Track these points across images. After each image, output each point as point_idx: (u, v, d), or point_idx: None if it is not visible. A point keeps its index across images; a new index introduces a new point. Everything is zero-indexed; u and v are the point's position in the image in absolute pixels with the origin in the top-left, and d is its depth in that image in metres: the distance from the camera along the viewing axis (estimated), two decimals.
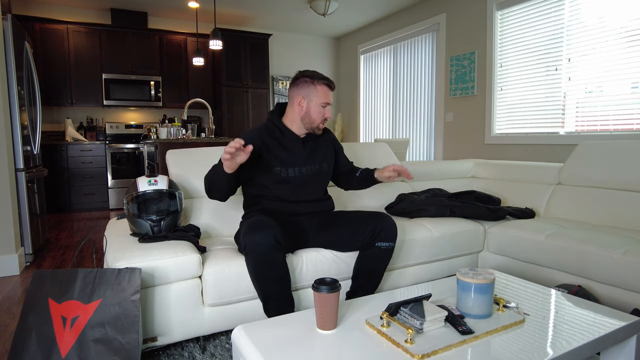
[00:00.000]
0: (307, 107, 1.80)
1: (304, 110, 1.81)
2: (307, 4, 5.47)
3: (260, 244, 1.52)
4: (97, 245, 3.48)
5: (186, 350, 1.68)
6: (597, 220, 2.30)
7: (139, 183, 1.77)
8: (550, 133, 3.86)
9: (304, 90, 1.81)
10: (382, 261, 1.80)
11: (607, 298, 1.84)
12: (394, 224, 1.77)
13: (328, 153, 1.98)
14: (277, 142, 1.84)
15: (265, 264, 1.55)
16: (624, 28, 3.26)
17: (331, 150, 2.01)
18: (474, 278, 1.17)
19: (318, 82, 1.80)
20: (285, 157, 1.83)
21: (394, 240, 1.77)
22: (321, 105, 1.80)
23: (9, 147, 2.75)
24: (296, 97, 1.82)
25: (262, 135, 1.83)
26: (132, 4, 5.48)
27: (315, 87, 1.80)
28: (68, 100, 5.32)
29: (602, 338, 1.11)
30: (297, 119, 1.84)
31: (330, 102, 1.83)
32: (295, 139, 1.86)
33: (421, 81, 5.48)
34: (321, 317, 1.12)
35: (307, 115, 1.81)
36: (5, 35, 2.81)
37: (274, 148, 1.82)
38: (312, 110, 1.80)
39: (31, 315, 1.37)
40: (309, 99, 1.80)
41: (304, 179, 1.87)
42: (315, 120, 1.82)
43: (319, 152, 1.93)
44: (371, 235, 1.74)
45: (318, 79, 1.80)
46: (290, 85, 1.87)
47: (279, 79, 6.88)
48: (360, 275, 1.82)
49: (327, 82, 1.82)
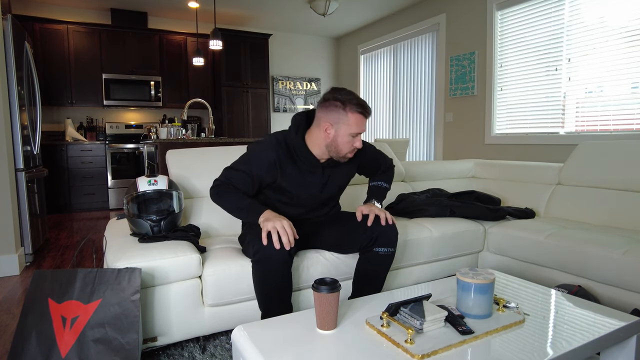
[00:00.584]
0: (335, 135, 1.59)
1: (330, 138, 1.60)
2: (307, 4, 5.48)
3: (273, 258, 1.47)
4: (97, 245, 3.48)
5: (186, 350, 1.68)
6: (597, 220, 2.30)
7: (139, 183, 1.77)
8: (550, 133, 3.86)
9: (332, 115, 1.57)
10: (381, 266, 1.75)
11: (607, 298, 1.84)
12: (394, 229, 1.70)
13: (349, 173, 1.83)
14: (293, 163, 1.66)
15: (274, 277, 1.52)
16: (624, 28, 3.26)
17: (354, 168, 1.85)
18: (474, 278, 1.17)
19: (350, 109, 1.55)
20: (300, 183, 1.68)
21: (394, 246, 1.71)
22: (351, 135, 1.58)
23: (9, 147, 2.75)
24: (323, 121, 1.60)
25: (279, 155, 1.64)
26: (132, 4, 5.48)
27: (347, 114, 1.56)
28: (68, 100, 5.32)
29: (602, 338, 1.11)
30: (321, 144, 1.63)
31: (363, 130, 1.61)
32: (315, 164, 1.67)
33: (421, 81, 5.48)
34: (321, 317, 1.12)
35: (334, 144, 1.60)
36: (5, 35, 2.81)
37: (289, 169, 1.66)
38: (340, 141, 1.59)
39: (31, 315, 1.37)
40: (337, 127, 1.57)
41: (316, 203, 1.79)
42: (342, 151, 1.62)
43: (338, 177, 1.78)
44: (369, 240, 1.69)
45: (351, 104, 1.55)
46: (318, 103, 1.63)
47: (279, 79, 6.88)
48: (360, 280, 1.79)
49: (362, 110, 1.57)
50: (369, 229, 1.69)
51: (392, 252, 1.73)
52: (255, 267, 1.55)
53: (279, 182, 1.67)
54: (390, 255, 1.73)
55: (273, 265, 1.49)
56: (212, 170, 2.19)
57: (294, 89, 7.02)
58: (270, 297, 1.57)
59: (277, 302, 1.58)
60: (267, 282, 1.54)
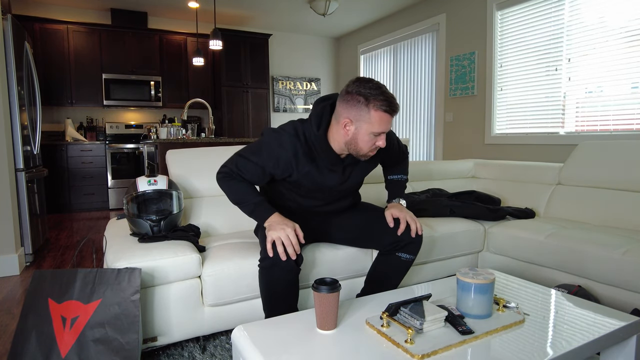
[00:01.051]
0: (355, 133, 1.44)
1: (350, 136, 1.45)
2: (307, 4, 5.48)
3: (278, 266, 1.44)
4: (97, 245, 3.48)
5: (186, 350, 1.68)
6: (597, 220, 2.30)
7: (139, 183, 1.77)
8: (550, 133, 3.86)
9: (353, 111, 1.41)
10: (399, 271, 1.73)
11: (607, 298, 1.84)
12: (421, 238, 1.67)
13: (369, 168, 1.69)
14: (312, 160, 1.53)
15: (280, 285, 1.50)
16: (624, 28, 3.26)
17: (376, 163, 1.71)
18: (474, 278, 1.17)
19: (374, 105, 1.38)
20: (318, 180, 1.57)
21: (416, 254, 1.70)
22: (373, 134, 1.43)
23: (9, 147, 2.75)
24: (342, 116, 1.44)
25: (297, 150, 1.50)
26: (132, 4, 5.48)
27: (370, 111, 1.39)
28: (68, 100, 5.32)
29: (602, 338, 1.11)
30: (340, 140, 1.49)
31: (388, 129, 1.46)
32: (335, 161, 1.55)
33: (421, 81, 5.48)
34: (321, 317, 1.12)
35: (353, 142, 1.46)
36: (5, 35, 2.81)
37: (307, 167, 1.53)
38: (360, 139, 1.44)
39: (31, 315, 1.37)
40: (358, 124, 1.42)
41: (334, 198, 1.70)
42: (362, 150, 1.47)
43: (358, 173, 1.65)
44: (395, 243, 1.66)
45: (376, 101, 1.38)
46: (340, 96, 1.46)
47: (279, 79, 6.88)
48: (374, 280, 1.77)
49: (387, 107, 1.39)
50: (395, 233, 1.66)
51: (412, 260, 1.72)
52: (261, 272, 1.53)
53: (294, 178, 1.55)
54: (411, 262, 1.72)
55: (278, 274, 1.47)
56: (212, 171, 2.19)
57: (294, 89, 7.02)
58: (275, 303, 1.55)
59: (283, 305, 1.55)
60: (272, 289, 1.52)
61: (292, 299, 1.56)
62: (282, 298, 1.54)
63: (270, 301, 1.55)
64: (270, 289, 1.53)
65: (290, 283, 1.52)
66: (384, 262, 1.74)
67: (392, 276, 1.75)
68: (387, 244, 1.69)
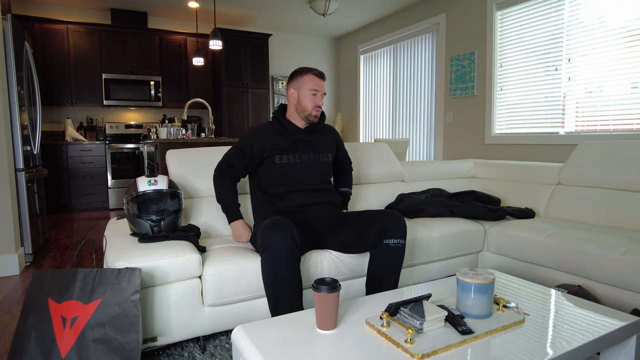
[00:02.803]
0: (298, 96, 1.90)
1: (296, 100, 1.91)
2: (307, 4, 5.48)
3: (277, 241, 1.52)
4: (97, 245, 3.48)
5: (186, 350, 1.68)
6: (597, 220, 2.30)
7: (139, 183, 1.77)
8: (550, 133, 3.86)
9: (294, 82, 1.93)
10: (393, 260, 1.74)
11: (607, 298, 1.84)
12: (401, 219, 1.75)
13: (330, 145, 2.06)
14: (278, 133, 1.93)
15: (281, 262, 1.53)
16: (624, 28, 3.26)
17: (333, 144, 2.09)
18: (474, 278, 1.17)
19: (305, 72, 1.92)
20: (285, 145, 1.91)
21: (404, 237, 1.74)
22: (311, 92, 1.89)
23: (9, 147, 2.75)
24: (289, 90, 1.95)
25: (263, 133, 1.93)
26: (132, 4, 5.48)
27: (303, 77, 1.91)
28: (68, 100, 5.32)
29: (602, 338, 1.11)
30: (293, 111, 1.95)
31: (320, 89, 1.91)
32: (297, 130, 1.95)
33: (421, 81, 5.48)
34: (321, 317, 1.12)
35: (299, 104, 1.91)
36: (5, 35, 2.81)
37: (275, 140, 1.91)
38: (302, 99, 1.90)
39: (31, 315, 1.37)
40: (298, 89, 1.91)
41: (305, 167, 1.93)
42: (307, 107, 1.90)
43: (321, 144, 2.01)
44: (378, 233, 1.71)
45: (305, 70, 1.92)
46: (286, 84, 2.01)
47: (279, 79, 6.88)
48: (373, 280, 1.78)
49: (314, 71, 1.92)
50: (377, 223, 1.72)
51: (403, 245, 1.74)
52: (263, 258, 1.57)
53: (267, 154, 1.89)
54: (401, 247, 1.73)
55: (278, 249, 1.52)
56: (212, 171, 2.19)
57: None
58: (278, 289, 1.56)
59: (286, 300, 1.56)
60: (274, 270, 1.54)
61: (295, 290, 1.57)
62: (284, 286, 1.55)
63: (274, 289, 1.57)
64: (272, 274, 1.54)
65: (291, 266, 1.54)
66: (376, 257, 1.76)
67: (388, 269, 1.76)
68: (373, 235, 1.73)
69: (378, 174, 2.71)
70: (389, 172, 2.77)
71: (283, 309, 1.54)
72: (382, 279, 1.76)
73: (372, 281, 1.78)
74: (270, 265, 1.55)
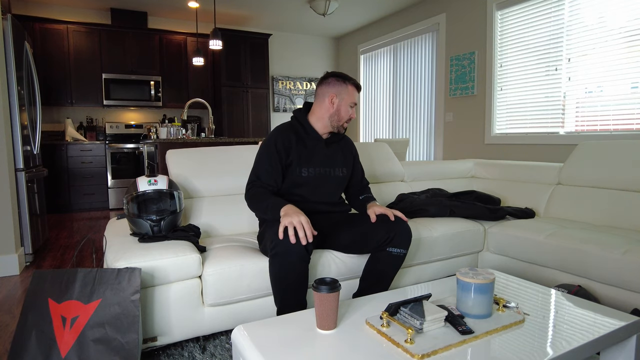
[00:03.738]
0: (339, 104, 1.84)
1: (335, 107, 1.84)
2: (307, 4, 5.48)
3: (289, 252, 1.49)
4: (97, 245, 3.48)
5: (186, 350, 1.68)
6: (597, 220, 2.30)
7: (139, 183, 1.77)
8: (550, 133, 3.86)
9: (335, 88, 1.85)
10: (391, 266, 1.76)
11: (607, 298, 1.84)
12: (409, 230, 1.74)
13: (347, 159, 2.00)
14: (299, 138, 1.86)
15: (291, 272, 1.52)
16: (623, 28, 3.26)
17: (350, 158, 2.02)
18: (474, 278, 1.17)
19: (349, 82, 1.87)
20: (305, 155, 1.84)
21: (407, 248, 1.73)
22: (350, 104, 1.86)
23: (9, 147, 2.75)
24: (327, 94, 1.85)
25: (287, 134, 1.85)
26: (132, 4, 5.48)
27: (347, 86, 1.85)
28: (68, 100, 5.32)
29: (602, 338, 1.11)
30: (325, 116, 1.86)
31: (357, 102, 1.89)
32: (318, 138, 1.89)
33: (421, 81, 5.48)
34: (321, 317, 1.12)
35: (337, 112, 1.85)
36: (5, 35, 2.81)
37: (296, 145, 1.84)
38: (342, 109, 1.85)
39: (31, 315, 1.37)
40: (340, 97, 1.84)
41: (320, 181, 1.87)
42: (343, 118, 1.86)
43: (338, 157, 1.95)
44: (384, 239, 1.71)
45: (348, 79, 1.87)
46: (319, 83, 1.91)
47: (279, 79, 6.88)
48: (368, 277, 1.80)
49: (357, 84, 1.88)
50: (385, 229, 1.71)
51: (404, 254, 1.74)
52: (272, 262, 1.55)
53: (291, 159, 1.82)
54: (402, 256, 1.74)
55: (289, 259, 1.50)
56: (212, 170, 2.20)
57: (294, 88, 7.02)
58: (286, 292, 1.57)
59: (294, 298, 1.58)
60: (284, 276, 1.54)
61: (302, 290, 1.58)
62: (292, 287, 1.55)
63: (281, 290, 1.57)
64: (281, 277, 1.54)
65: (301, 271, 1.54)
66: (376, 260, 1.77)
67: (385, 273, 1.78)
68: (378, 240, 1.72)
69: (378, 173, 2.71)
70: (389, 172, 2.77)
71: (289, 309, 1.55)
72: (377, 280, 1.78)
73: (367, 279, 1.80)
74: (279, 271, 1.54)
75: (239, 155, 2.29)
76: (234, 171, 2.23)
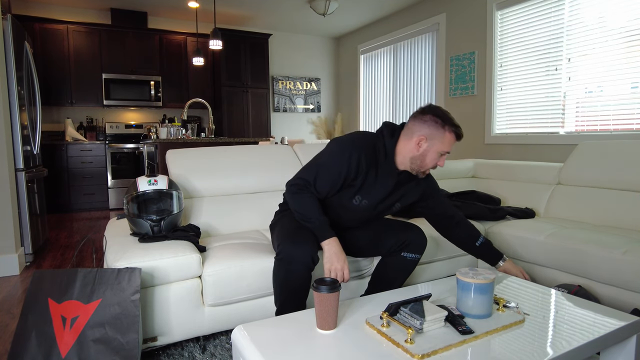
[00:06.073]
0: (425, 150, 1.58)
1: (420, 152, 1.59)
2: (307, 4, 5.48)
3: (296, 260, 1.48)
4: (97, 245, 3.48)
5: (186, 350, 1.68)
6: (597, 220, 2.30)
7: (139, 183, 1.77)
8: (550, 133, 3.86)
9: (429, 130, 1.56)
10: (404, 271, 1.75)
11: (607, 298, 1.84)
12: (424, 236, 1.71)
13: (410, 195, 1.75)
14: (374, 164, 1.64)
15: (295, 279, 1.52)
16: (623, 28, 3.26)
17: (416, 194, 1.76)
18: (474, 278, 1.17)
19: (449, 128, 1.56)
20: (368, 185, 1.64)
21: (422, 253, 1.71)
22: (440, 152, 1.59)
23: (9, 147, 2.75)
24: (417, 133, 1.58)
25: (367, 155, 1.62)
26: (132, 4, 5.48)
27: (444, 132, 1.56)
28: (68, 100, 5.32)
29: (602, 338, 1.11)
30: (407, 155, 1.62)
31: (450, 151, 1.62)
32: (392, 171, 1.66)
33: (421, 81, 5.48)
34: (321, 317, 1.12)
35: (421, 158, 1.60)
36: (5, 35, 2.81)
37: (367, 171, 1.63)
38: (429, 156, 1.59)
39: (31, 315, 1.37)
40: (431, 142, 1.57)
41: (366, 211, 1.71)
42: (426, 166, 1.62)
43: (401, 191, 1.72)
44: (399, 244, 1.68)
45: (450, 124, 1.56)
46: (415, 116, 1.62)
47: (279, 79, 6.88)
48: (378, 281, 1.78)
49: (458, 131, 1.58)
50: (399, 234, 1.69)
51: (418, 259, 1.73)
52: (277, 264, 1.54)
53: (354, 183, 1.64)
54: (416, 261, 1.73)
55: (295, 267, 1.49)
56: (212, 170, 2.20)
57: (294, 88, 7.02)
58: (288, 296, 1.56)
59: (294, 301, 1.57)
60: (287, 281, 1.53)
61: (303, 294, 1.58)
62: (294, 292, 1.55)
63: (283, 293, 1.56)
64: (284, 281, 1.54)
65: (305, 279, 1.53)
66: (389, 263, 1.75)
67: (397, 276, 1.76)
68: (392, 245, 1.70)
69: None
70: None
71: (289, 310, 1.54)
72: (388, 284, 1.76)
73: (377, 282, 1.78)
74: (282, 275, 1.53)
75: (239, 155, 2.29)
76: (234, 171, 2.23)
